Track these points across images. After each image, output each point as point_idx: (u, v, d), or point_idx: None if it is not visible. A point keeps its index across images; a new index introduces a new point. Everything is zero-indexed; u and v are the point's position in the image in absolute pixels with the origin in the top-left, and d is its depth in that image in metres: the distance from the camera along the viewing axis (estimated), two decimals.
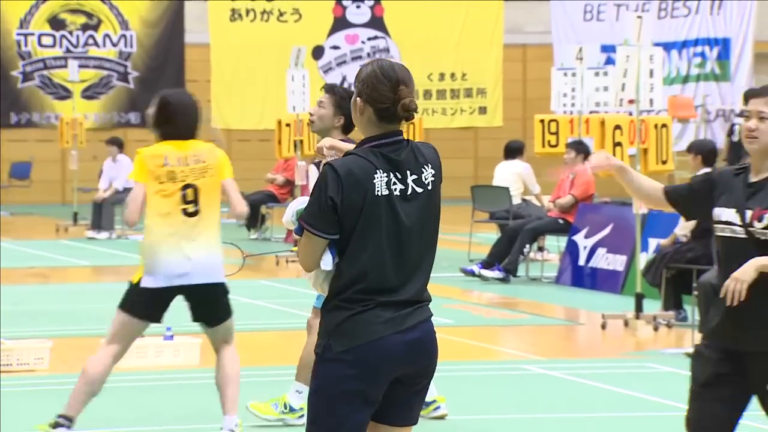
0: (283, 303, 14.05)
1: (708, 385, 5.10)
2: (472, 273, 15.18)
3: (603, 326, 12.19)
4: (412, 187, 4.50)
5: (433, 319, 4.58)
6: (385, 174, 4.47)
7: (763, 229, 5.00)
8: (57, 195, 29.19)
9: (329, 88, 7.74)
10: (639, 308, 12.36)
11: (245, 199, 24.37)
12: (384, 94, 4.48)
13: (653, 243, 13.47)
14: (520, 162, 17.12)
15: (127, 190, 21.65)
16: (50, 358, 9.85)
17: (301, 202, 4.61)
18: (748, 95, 5.37)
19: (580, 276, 14.86)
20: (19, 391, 9.24)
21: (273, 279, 16.26)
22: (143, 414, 8.44)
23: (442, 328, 4.73)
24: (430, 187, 4.53)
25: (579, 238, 14.84)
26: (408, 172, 4.50)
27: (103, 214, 21.25)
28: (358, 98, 4.52)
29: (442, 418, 7.99)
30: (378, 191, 4.45)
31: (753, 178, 5.10)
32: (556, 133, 16.37)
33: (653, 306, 12.56)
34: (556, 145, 16.37)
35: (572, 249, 14.98)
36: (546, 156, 16.78)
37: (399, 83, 4.49)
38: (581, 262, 14.83)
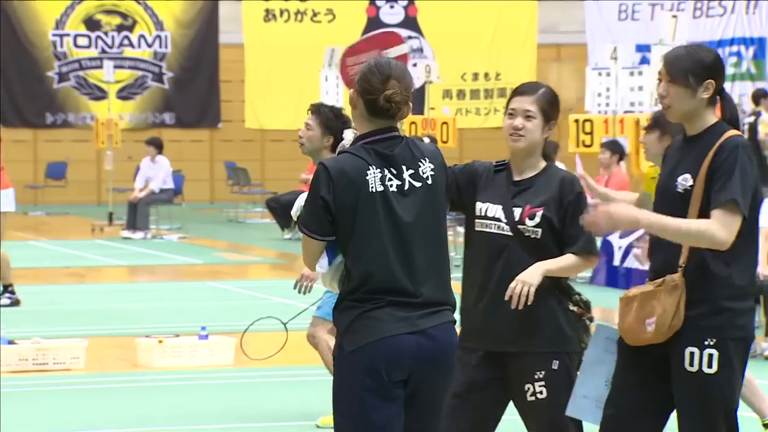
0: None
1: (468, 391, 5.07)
2: None
3: None
4: (409, 181, 4.46)
5: (448, 312, 4.48)
6: (379, 170, 4.43)
7: (534, 227, 5.01)
8: (92, 195, 29.34)
9: (315, 109, 7.65)
10: None
11: (279, 199, 24.40)
12: (374, 85, 4.45)
13: None
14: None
15: (163, 191, 21.75)
16: (86, 358, 9.91)
17: (303, 199, 4.60)
18: (514, 93, 5.21)
19: (615, 276, 14.81)
20: (56, 390, 9.30)
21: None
22: (178, 413, 8.47)
23: None
24: (429, 182, 4.48)
25: (613, 238, 14.79)
26: (404, 167, 4.46)
27: (138, 214, 21.33)
28: (352, 90, 4.54)
29: None
30: (372, 188, 4.41)
31: (516, 177, 5.15)
32: (591, 133, 16.34)
33: None
34: (590, 145, 16.34)
35: (607, 249, 14.94)
36: (580, 156, 16.73)
37: (390, 77, 4.47)
38: (616, 262, 14.78)
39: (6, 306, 12.95)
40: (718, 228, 4.63)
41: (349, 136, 4.62)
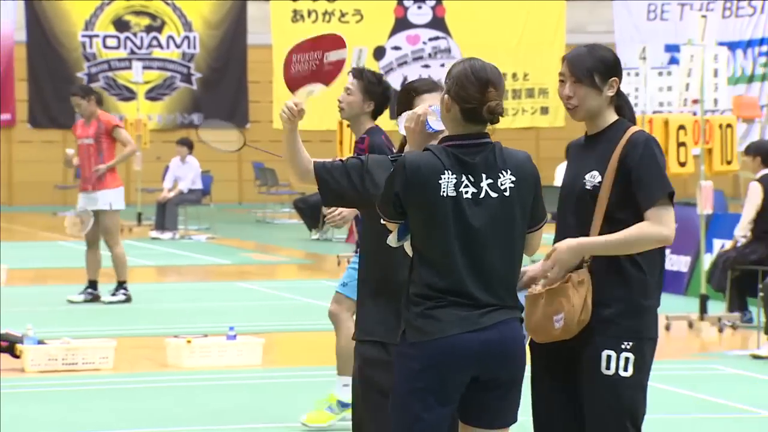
0: None
1: None
2: None
3: (667, 327, 12.11)
4: (485, 191, 4.45)
5: (507, 309, 4.47)
6: (455, 175, 4.43)
7: None
8: None
9: (357, 73, 7.45)
10: (703, 309, 12.26)
11: (307, 200, 24.36)
12: (471, 94, 4.45)
13: (717, 244, 13.36)
14: None
15: (192, 192, 21.80)
16: (115, 358, 9.93)
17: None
18: (420, 91, 4.98)
19: None
20: (85, 390, 9.32)
21: (336, 280, 16.29)
22: (206, 413, 8.48)
23: None
24: (507, 194, 4.47)
25: None
26: (483, 176, 4.45)
27: (166, 215, 21.38)
28: (446, 95, 4.51)
29: None
30: (443, 192, 4.42)
31: None
32: None
33: (718, 307, 12.45)
34: None
35: None
36: None
37: (488, 84, 4.47)
38: None
39: (120, 302, 13.21)
40: (660, 226, 4.66)
41: (437, 108, 4.61)
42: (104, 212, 13.27)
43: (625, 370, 4.67)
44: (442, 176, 4.43)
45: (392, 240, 4.53)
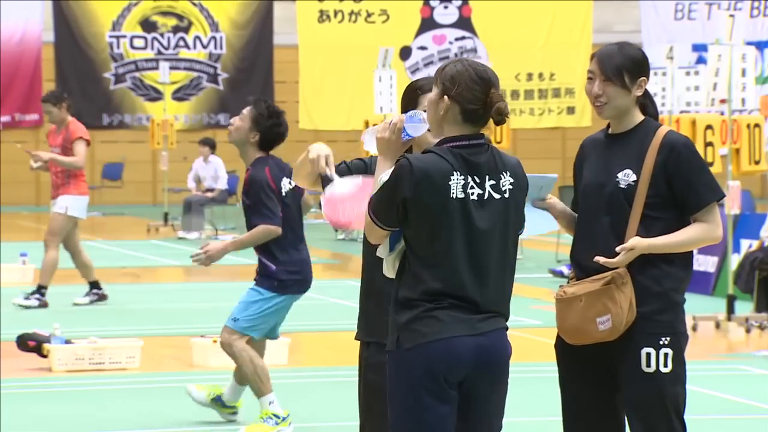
0: None
1: None
2: (560, 274, 15.09)
3: (694, 328, 12.06)
4: (489, 192, 4.41)
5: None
6: (463, 177, 4.38)
7: None
8: (148, 195, 29.52)
9: (254, 101, 7.62)
10: (730, 310, 12.21)
11: None
12: (477, 95, 4.40)
13: (745, 244, 13.30)
14: None
15: (215, 191, 21.81)
16: (141, 357, 9.96)
17: (386, 177, 4.42)
18: (425, 89, 4.82)
19: None
20: (112, 389, 9.35)
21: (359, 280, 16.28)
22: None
23: (530, 329, 4.67)
24: (507, 195, 4.43)
25: None
26: (487, 177, 4.41)
27: (192, 214, 21.44)
28: (444, 96, 4.42)
29: None
30: (453, 194, 4.37)
31: None
32: None
33: (745, 308, 12.40)
34: None
35: None
36: None
37: (491, 85, 4.42)
38: None
39: (34, 307, 12.94)
40: (714, 227, 4.79)
41: (424, 114, 4.49)
42: (58, 214, 12.96)
43: (665, 365, 4.72)
44: (452, 177, 4.37)
45: (383, 252, 4.43)
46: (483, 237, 4.39)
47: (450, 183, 4.37)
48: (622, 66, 4.78)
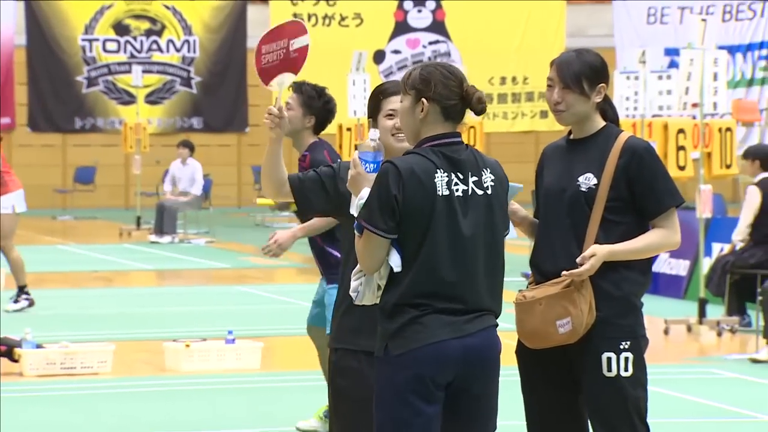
0: None
1: None
2: None
3: (666, 331, 12.10)
4: (472, 188, 4.43)
5: (491, 317, 4.48)
6: (446, 174, 4.41)
7: None
8: (121, 199, 29.43)
9: (297, 87, 7.31)
10: (702, 313, 12.26)
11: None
12: (453, 90, 4.43)
13: (716, 248, 13.35)
14: None
15: (189, 195, 21.75)
16: (113, 362, 9.92)
17: (364, 194, 4.43)
18: (388, 93, 4.77)
19: None
20: (83, 394, 9.31)
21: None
22: (205, 417, 8.48)
23: (504, 332, 4.66)
24: (489, 192, 4.46)
25: None
26: (470, 173, 4.44)
27: (165, 218, 21.38)
28: (423, 100, 4.43)
29: None
30: (439, 191, 4.39)
31: None
32: None
33: (717, 311, 12.45)
34: None
35: None
36: None
37: (463, 79, 4.48)
38: None
39: (25, 308, 12.92)
40: (673, 233, 4.81)
41: (374, 135, 4.52)
42: (6, 215, 12.79)
43: (626, 369, 4.74)
44: (436, 175, 4.39)
45: (395, 262, 4.36)
46: (469, 234, 4.40)
47: (435, 180, 4.38)
48: (581, 73, 4.81)
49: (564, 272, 4.72)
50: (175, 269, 17.90)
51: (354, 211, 4.44)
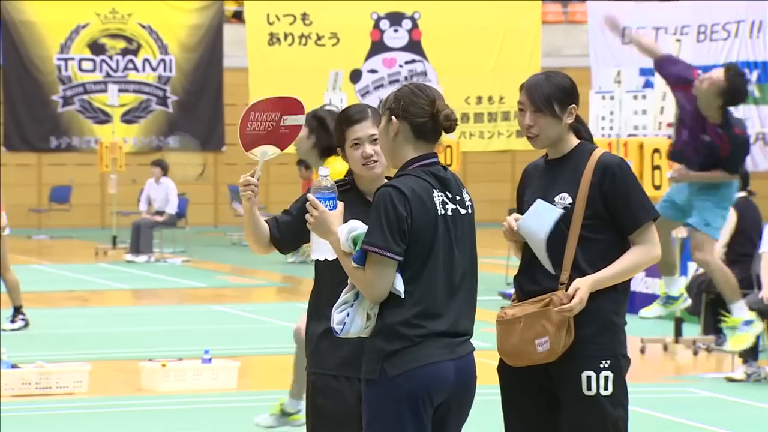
0: None
1: None
2: (510, 297, 15.15)
3: (642, 350, 12.13)
4: (458, 207, 4.45)
5: (471, 341, 4.53)
6: (440, 193, 4.41)
7: None
8: (96, 218, 29.35)
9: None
10: (678, 332, 12.29)
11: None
12: (422, 107, 4.41)
13: (692, 267, 13.39)
14: None
15: (167, 215, 21.71)
16: (89, 382, 9.89)
17: (353, 225, 4.36)
18: (348, 123, 4.73)
19: None
20: (59, 414, 9.27)
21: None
22: None
23: (480, 351, 4.67)
24: (470, 211, 4.48)
25: None
26: (455, 193, 4.45)
27: (141, 238, 21.33)
28: (393, 118, 4.41)
29: None
30: (439, 210, 4.39)
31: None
32: None
33: (693, 330, 12.48)
34: None
35: None
36: None
37: (435, 98, 4.45)
38: None
39: (22, 328, 12.95)
40: (652, 247, 4.79)
41: (324, 172, 4.39)
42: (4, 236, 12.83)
43: (606, 388, 4.73)
44: (434, 194, 4.40)
45: (400, 286, 4.33)
46: (457, 254, 4.42)
47: (435, 200, 4.39)
48: (551, 95, 4.84)
49: (555, 309, 4.69)
50: (151, 288, 17.85)
51: (345, 246, 4.33)
